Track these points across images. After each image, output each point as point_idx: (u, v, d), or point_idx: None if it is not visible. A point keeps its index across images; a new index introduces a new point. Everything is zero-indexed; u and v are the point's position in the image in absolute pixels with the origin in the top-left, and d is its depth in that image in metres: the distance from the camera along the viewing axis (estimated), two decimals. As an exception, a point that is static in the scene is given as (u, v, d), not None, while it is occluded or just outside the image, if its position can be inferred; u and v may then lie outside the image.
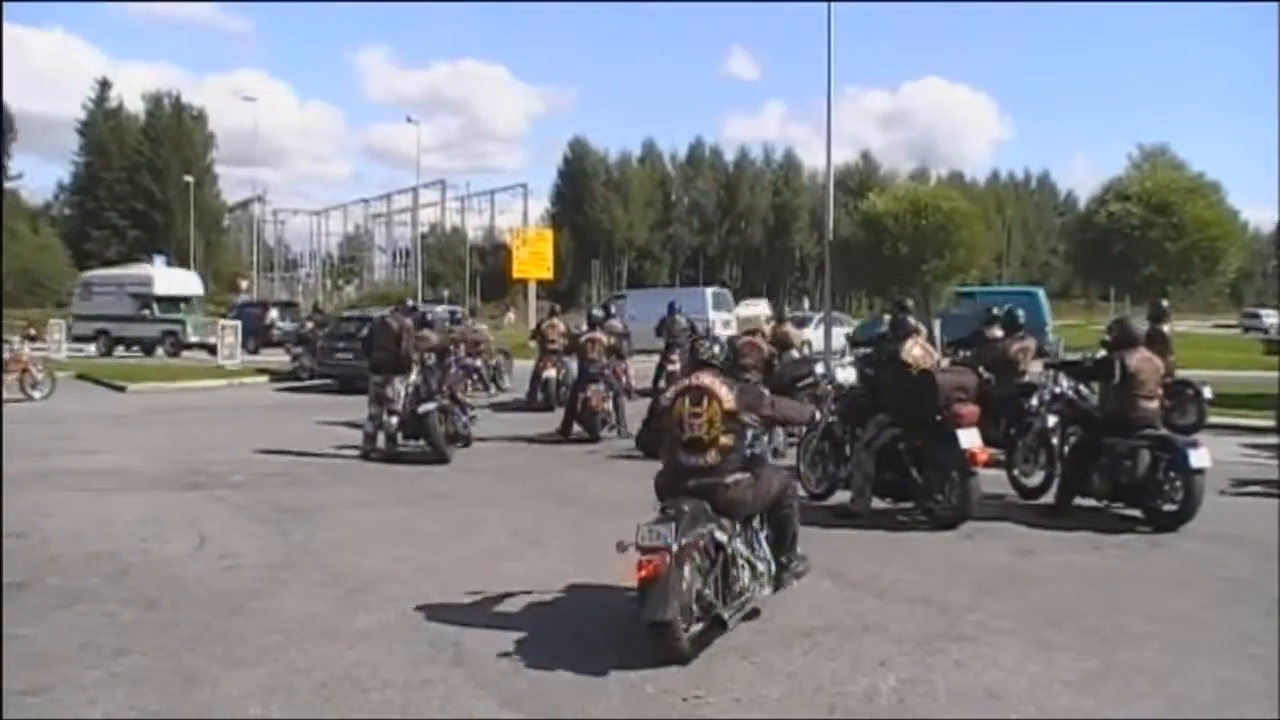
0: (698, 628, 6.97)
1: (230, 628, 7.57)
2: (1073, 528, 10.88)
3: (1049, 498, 12.01)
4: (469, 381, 25.52)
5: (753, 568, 7.60)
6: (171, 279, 49.93)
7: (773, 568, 7.84)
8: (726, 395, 7.66)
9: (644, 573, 6.70)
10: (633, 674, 6.52)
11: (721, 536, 7.28)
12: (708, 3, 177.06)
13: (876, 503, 11.45)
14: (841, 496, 11.71)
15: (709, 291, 43.46)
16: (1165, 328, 16.60)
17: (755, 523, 7.83)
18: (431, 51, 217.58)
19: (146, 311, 45.01)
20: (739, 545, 7.49)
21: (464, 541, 10.56)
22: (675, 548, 6.71)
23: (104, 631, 7.47)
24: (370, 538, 10.69)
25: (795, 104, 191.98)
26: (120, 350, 45.33)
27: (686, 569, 6.90)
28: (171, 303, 46.06)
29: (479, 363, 26.21)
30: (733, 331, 26.91)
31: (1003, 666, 6.70)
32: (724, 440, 7.57)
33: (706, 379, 7.81)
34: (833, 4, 30.63)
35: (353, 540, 10.58)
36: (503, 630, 7.45)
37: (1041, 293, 38.13)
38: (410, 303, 20.14)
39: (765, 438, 9.60)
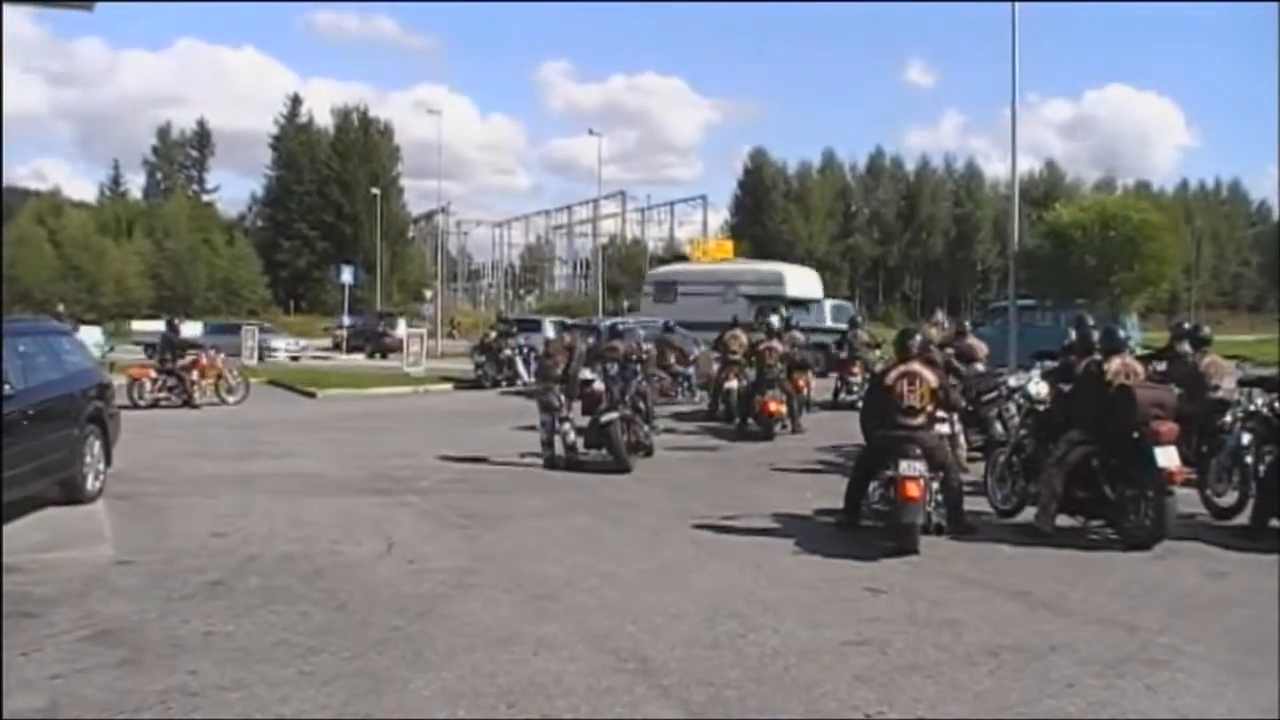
0: None
1: (417, 631, 7.72)
2: (1269, 551, 10.43)
3: (1243, 518, 11.61)
4: (678, 388, 25.90)
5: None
6: (802, 280, 43.68)
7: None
8: (931, 377, 11.16)
9: (911, 491, 10.25)
10: (816, 689, 6.50)
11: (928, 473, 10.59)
12: (887, 3, 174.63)
13: (1066, 521, 11.22)
14: (1029, 514, 11.49)
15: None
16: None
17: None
18: (610, 65, 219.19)
19: (776, 318, 38.20)
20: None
21: (646, 551, 10.60)
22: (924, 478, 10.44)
23: (298, 630, 7.68)
24: (554, 545, 10.79)
25: (973, 114, 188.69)
26: None
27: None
28: (801, 306, 39.32)
29: (690, 370, 27.07)
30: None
31: (1197, 693, 6.51)
32: (929, 408, 11.06)
33: (916, 366, 11.21)
34: (1016, 4, 30.18)
35: (537, 547, 10.70)
36: (685, 640, 7.48)
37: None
38: (593, 321, 20.45)
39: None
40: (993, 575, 9.54)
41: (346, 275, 70.55)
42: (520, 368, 31.46)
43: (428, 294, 74.43)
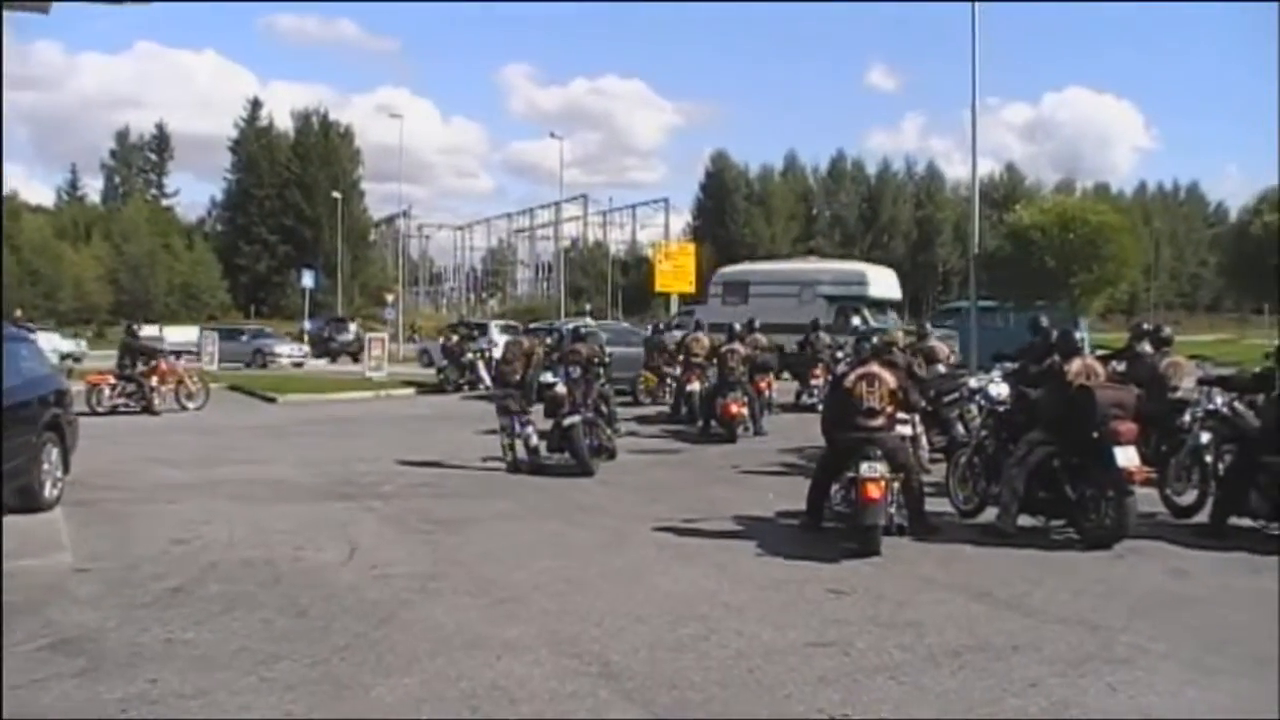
0: None
1: (380, 636, 7.68)
2: (1229, 548, 10.54)
3: (1203, 517, 11.69)
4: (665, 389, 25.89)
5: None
6: (883, 280, 41.15)
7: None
8: (891, 379, 11.27)
9: (872, 492, 10.26)
10: (780, 691, 6.51)
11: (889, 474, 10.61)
12: (848, 5, 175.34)
13: (1028, 521, 11.27)
14: (991, 514, 11.54)
15: None
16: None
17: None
18: (572, 68, 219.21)
19: (858, 321, 35.23)
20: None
21: (610, 554, 10.60)
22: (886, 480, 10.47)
23: (259, 637, 7.63)
24: (517, 549, 10.78)
25: (934, 116, 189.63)
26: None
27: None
28: (880, 307, 38.58)
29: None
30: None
31: (1159, 691, 6.55)
32: (890, 409, 11.18)
33: (875, 367, 11.35)
34: (976, 4, 30.38)
35: (500, 552, 10.68)
36: (648, 643, 7.49)
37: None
38: (555, 324, 20.44)
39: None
40: (955, 576, 9.58)
41: (307, 279, 70.40)
42: (482, 371, 31.36)
43: (389, 298, 74.17)
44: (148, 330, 53.46)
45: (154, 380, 25.22)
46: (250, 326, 58.28)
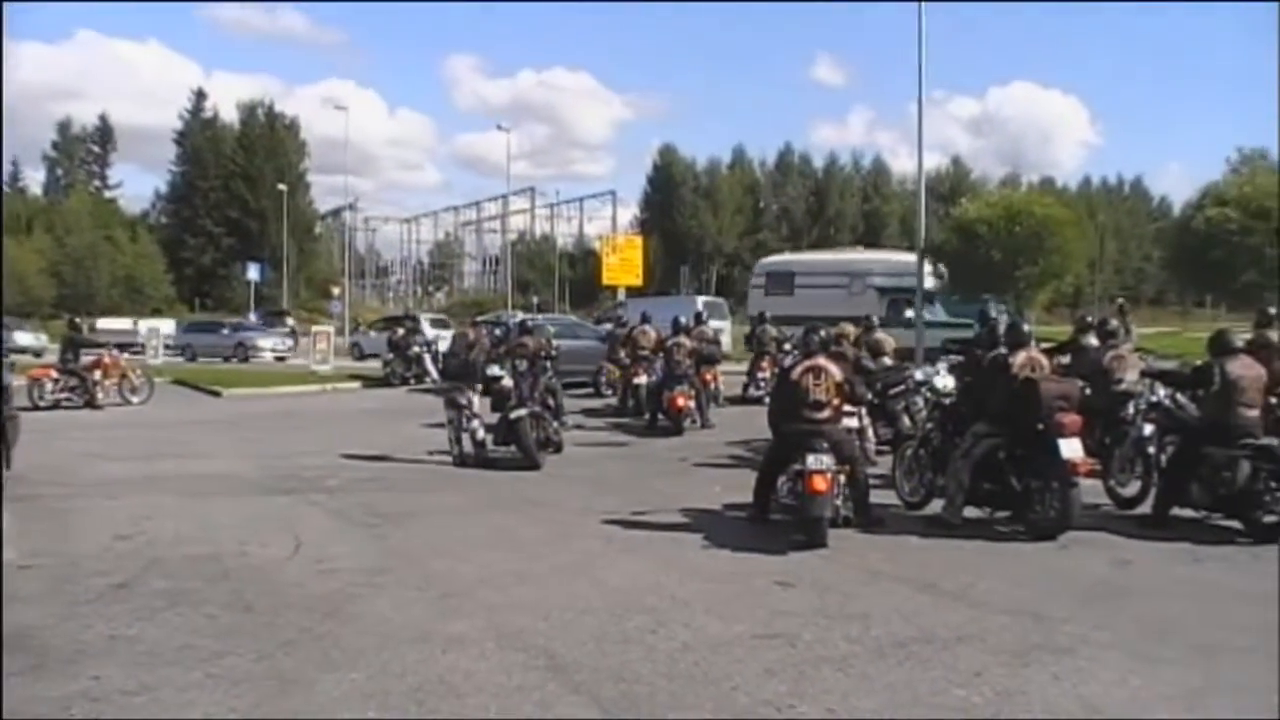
0: None
1: (326, 631, 7.65)
2: (1171, 539, 10.65)
3: (1146, 508, 11.80)
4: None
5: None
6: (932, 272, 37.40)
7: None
8: (836, 371, 11.27)
9: (818, 485, 10.27)
10: (726, 683, 6.52)
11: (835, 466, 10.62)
12: (794, 4, 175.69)
13: (974, 512, 11.34)
14: (937, 506, 11.62)
15: (701, 300, 42.39)
16: (1273, 334, 16.21)
17: None
18: (519, 59, 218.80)
19: (911, 313, 32.91)
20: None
21: (557, 548, 10.58)
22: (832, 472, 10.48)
23: (204, 633, 7.58)
24: (464, 543, 10.76)
25: (881, 110, 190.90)
26: None
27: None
28: (929, 299, 34.52)
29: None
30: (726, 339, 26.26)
31: (1102, 680, 6.60)
32: (836, 402, 11.16)
33: (821, 360, 11.35)
34: (923, 3, 30.53)
35: (447, 545, 10.66)
36: (595, 636, 7.48)
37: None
38: (501, 317, 20.40)
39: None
40: (901, 567, 9.62)
41: (253, 272, 70.04)
42: (429, 365, 31.21)
43: (335, 291, 73.82)
44: (121, 324, 52.90)
45: (97, 374, 24.95)
46: (231, 319, 57.17)
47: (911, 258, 37.53)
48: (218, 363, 43.72)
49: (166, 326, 51.67)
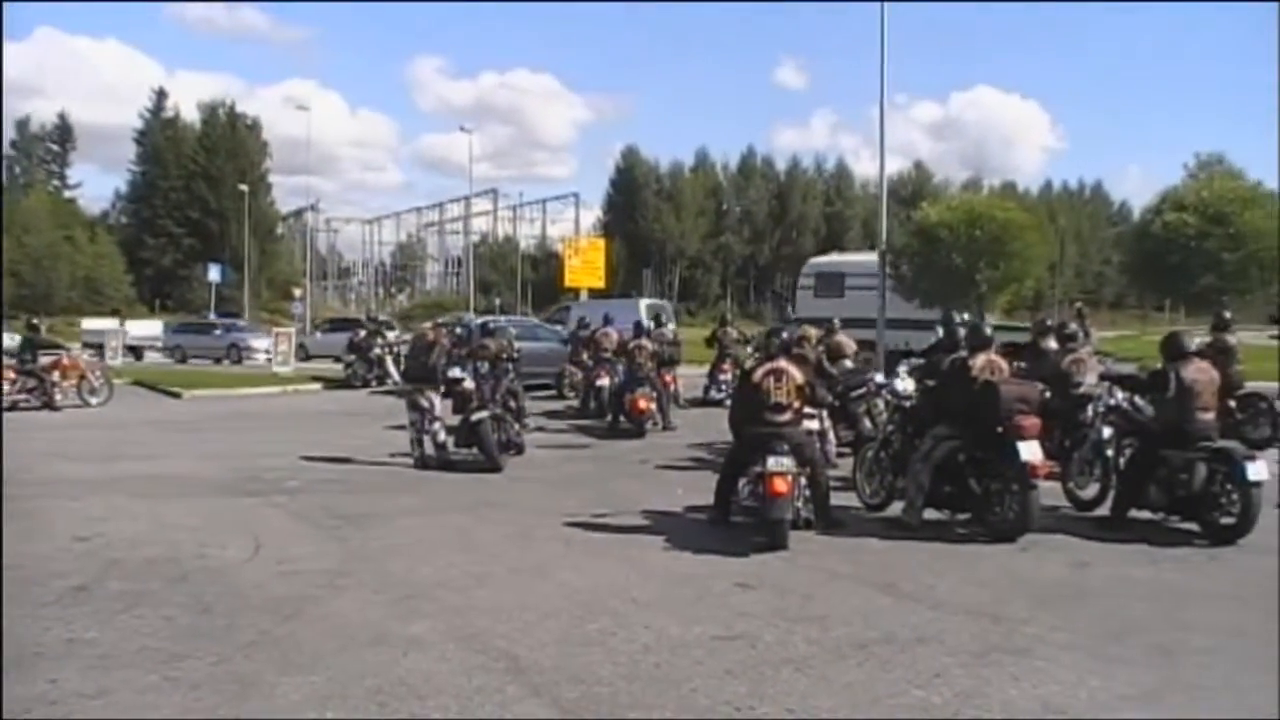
0: None
1: (285, 633, 7.62)
2: (1129, 541, 10.75)
3: (1104, 510, 11.88)
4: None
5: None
6: None
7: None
8: (798, 374, 11.24)
9: (779, 487, 10.29)
10: (687, 685, 6.52)
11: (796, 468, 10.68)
12: (757, 5, 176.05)
13: (933, 514, 11.40)
14: (897, 508, 11.66)
15: (644, 303, 42.24)
16: (1231, 338, 16.38)
17: None
18: (482, 61, 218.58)
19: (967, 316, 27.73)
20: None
21: (518, 550, 10.57)
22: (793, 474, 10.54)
23: (162, 636, 7.53)
24: (425, 545, 10.73)
25: (844, 113, 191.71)
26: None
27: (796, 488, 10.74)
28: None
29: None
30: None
31: (1060, 680, 6.64)
32: (797, 404, 11.14)
33: (783, 363, 11.33)
34: (885, 3, 30.69)
35: (407, 547, 10.62)
36: (556, 638, 7.48)
37: None
38: (464, 318, 20.34)
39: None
40: (862, 569, 9.66)
41: (214, 273, 69.57)
42: (390, 367, 31.13)
43: (296, 292, 73.60)
44: (108, 324, 52.19)
45: (55, 375, 24.73)
46: (224, 320, 56.22)
47: None
48: (209, 365, 43.34)
49: (154, 327, 51.21)
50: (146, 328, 52.33)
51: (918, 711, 6.16)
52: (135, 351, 47.23)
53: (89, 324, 52.66)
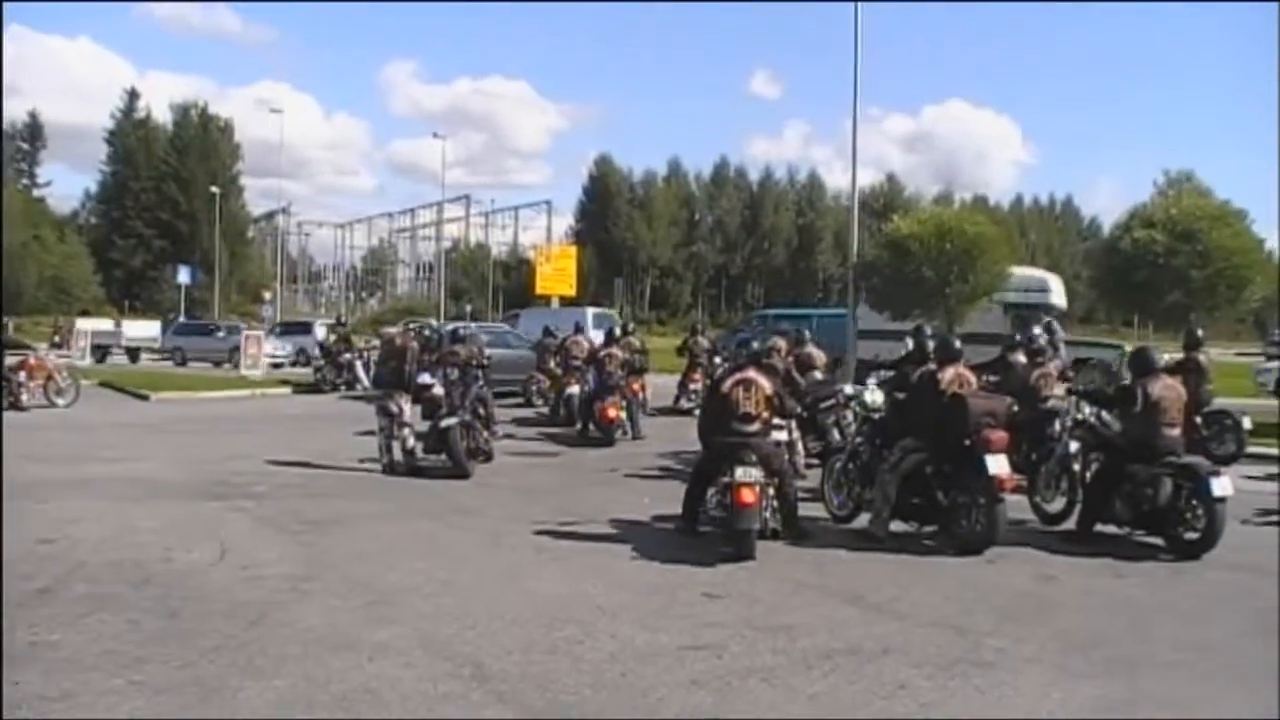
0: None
1: (250, 638, 7.58)
2: (1094, 554, 10.82)
3: (1070, 524, 11.95)
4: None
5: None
6: (1059, 288, 36.40)
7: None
8: (766, 384, 11.33)
9: (747, 497, 10.29)
10: (653, 694, 6.53)
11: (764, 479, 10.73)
12: (732, 10, 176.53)
13: (901, 526, 11.45)
14: (864, 519, 11.70)
15: (590, 312, 42.34)
16: (1201, 356, 16.49)
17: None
18: (456, 66, 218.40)
19: (1039, 330, 25.11)
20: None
21: (485, 557, 10.57)
22: (760, 484, 10.57)
23: (126, 639, 7.49)
24: (391, 551, 10.70)
25: (817, 124, 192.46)
26: None
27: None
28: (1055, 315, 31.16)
29: None
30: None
31: (1024, 693, 6.68)
32: (765, 415, 11.20)
33: (752, 373, 11.41)
34: (859, 3, 30.86)
35: (373, 553, 10.59)
36: (522, 646, 7.48)
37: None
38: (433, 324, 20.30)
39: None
40: (828, 580, 9.68)
41: (184, 275, 69.30)
42: (360, 372, 31.09)
43: (267, 295, 73.42)
44: (101, 324, 51.69)
45: (22, 375, 24.54)
46: (225, 321, 55.36)
47: (1038, 273, 37.06)
48: (209, 368, 42.68)
49: (151, 329, 50.77)
50: (142, 329, 51.76)
51: (882, 722, 6.18)
52: (131, 353, 47.11)
53: (83, 324, 52.14)
